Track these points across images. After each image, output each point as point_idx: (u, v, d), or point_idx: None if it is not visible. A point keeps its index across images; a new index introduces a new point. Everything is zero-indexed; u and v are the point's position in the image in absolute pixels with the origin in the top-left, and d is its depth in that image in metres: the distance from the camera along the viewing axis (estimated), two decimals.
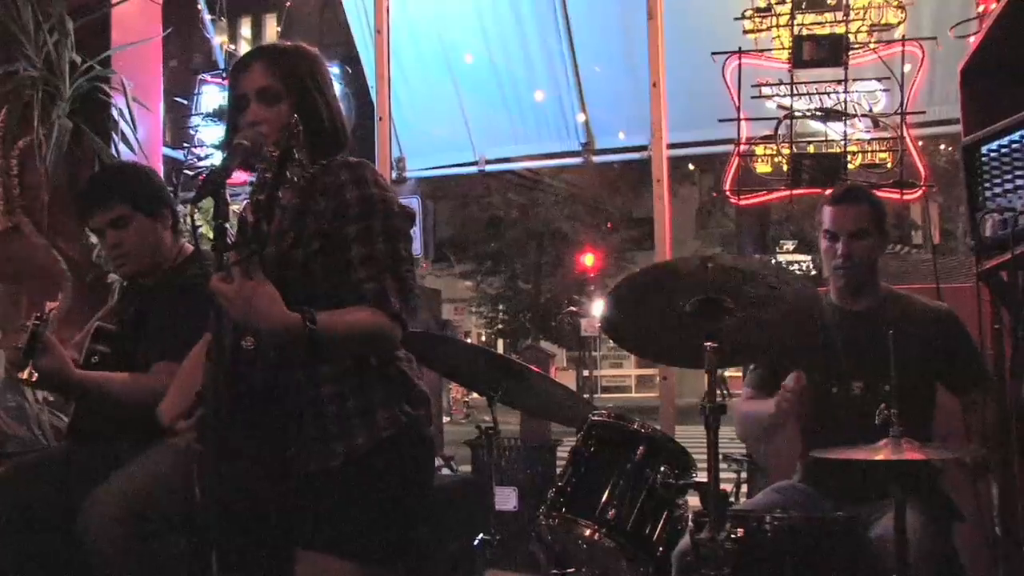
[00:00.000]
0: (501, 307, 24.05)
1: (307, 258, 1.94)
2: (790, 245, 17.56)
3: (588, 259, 21.83)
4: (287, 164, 1.79)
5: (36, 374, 2.40)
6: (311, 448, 1.97)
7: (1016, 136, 2.31)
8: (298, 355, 1.91)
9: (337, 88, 2.30)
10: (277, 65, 2.03)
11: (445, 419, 15.62)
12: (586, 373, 25.22)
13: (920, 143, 4.48)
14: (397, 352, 2.06)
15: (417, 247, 9.00)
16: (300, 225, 1.97)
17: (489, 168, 6.45)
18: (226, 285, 1.76)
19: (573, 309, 22.32)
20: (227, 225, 1.78)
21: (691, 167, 18.17)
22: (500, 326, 24.41)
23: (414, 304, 2.01)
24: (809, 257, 17.03)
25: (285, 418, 1.98)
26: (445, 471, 5.06)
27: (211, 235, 1.84)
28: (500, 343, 24.25)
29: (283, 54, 2.08)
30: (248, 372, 1.94)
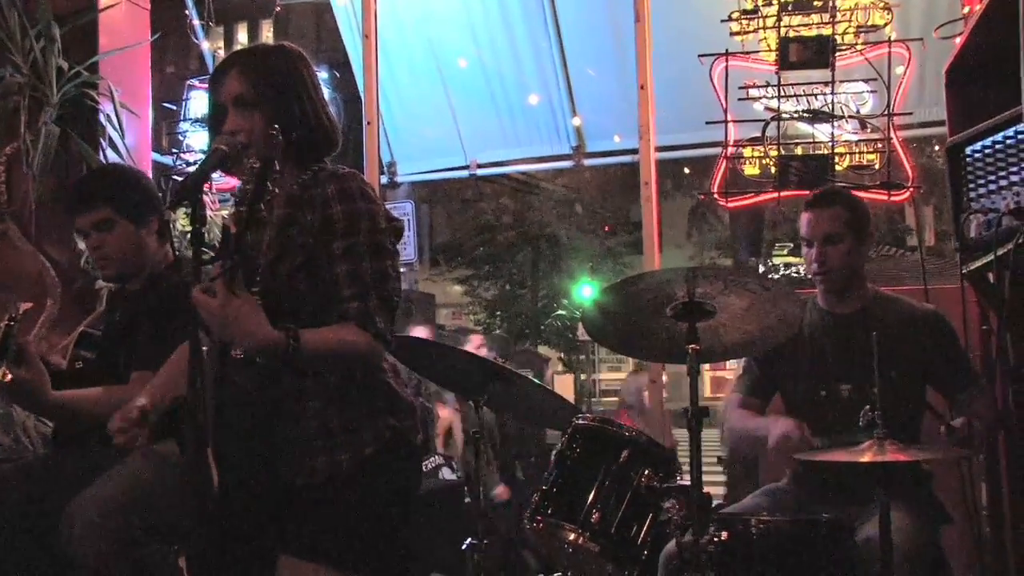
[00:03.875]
0: (498, 312, 24.02)
1: (291, 271, 1.92)
2: (784, 248, 17.55)
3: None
4: (268, 176, 1.77)
5: (10, 375, 2.38)
6: (295, 463, 1.96)
7: (999, 137, 2.31)
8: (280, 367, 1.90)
9: (326, 92, 2.27)
10: (252, 71, 2.00)
11: None
12: (584, 377, 25.18)
13: (914, 144, 4.48)
14: (381, 363, 2.05)
15: (411, 252, 8.98)
16: (285, 237, 1.95)
17: (481, 172, 6.46)
18: (208, 299, 1.74)
19: (562, 312, 22.31)
20: (204, 230, 1.77)
21: (686, 171, 18.16)
22: (497, 331, 24.36)
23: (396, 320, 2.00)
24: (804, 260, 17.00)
25: (270, 431, 1.97)
26: (445, 471, 5.05)
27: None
28: None
29: (259, 58, 2.05)
30: (236, 381, 1.93)
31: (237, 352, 1.92)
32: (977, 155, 2.37)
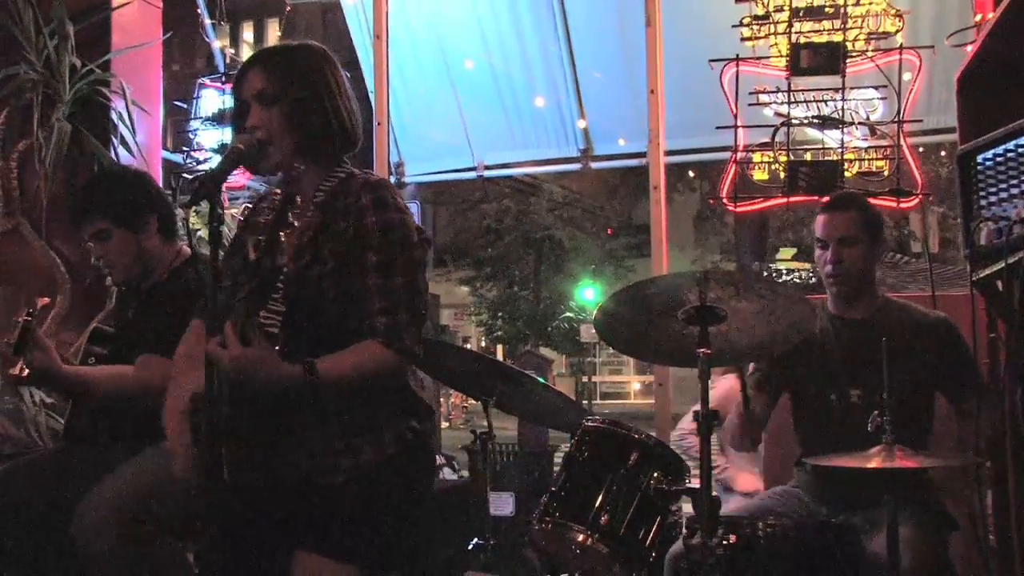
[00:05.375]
0: (500, 314, 24.04)
1: (320, 277, 1.94)
2: (789, 253, 17.54)
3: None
4: (290, 208, 1.80)
5: (27, 370, 2.41)
6: (315, 461, 1.97)
7: (1011, 145, 2.30)
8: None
9: None
10: (274, 67, 2.02)
11: (444, 424, 15.59)
12: (585, 379, 25.21)
13: (920, 151, 4.48)
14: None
15: None
16: (317, 244, 1.96)
17: (488, 174, 6.46)
18: (222, 353, 1.77)
19: (570, 315, 22.32)
20: (222, 228, 1.78)
21: (691, 174, 18.17)
22: (499, 332, 24.39)
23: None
24: (808, 265, 17.02)
25: (290, 430, 1.98)
26: (446, 471, 5.05)
27: (208, 238, 1.85)
28: (499, 349, 24.23)
29: (282, 56, 2.06)
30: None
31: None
32: (989, 163, 2.37)
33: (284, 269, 1.91)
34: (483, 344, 24.98)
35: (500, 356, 20.60)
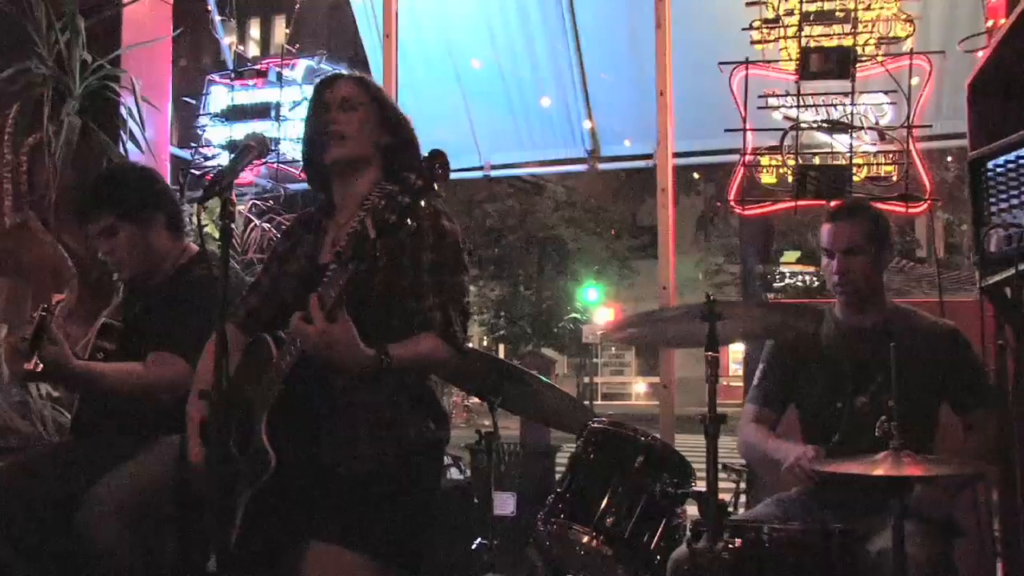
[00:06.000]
0: (503, 313, 24.06)
1: (372, 273, 1.99)
2: (793, 256, 17.55)
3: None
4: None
5: (41, 364, 2.42)
6: (338, 452, 2.04)
7: (1023, 152, 2.31)
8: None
9: None
10: (358, 81, 2.23)
11: None
12: (586, 380, 25.24)
13: (927, 156, 4.46)
14: None
15: None
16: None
17: (494, 173, 6.46)
18: (307, 328, 1.86)
19: (576, 315, 22.33)
20: (232, 225, 1.80)
21: (695, 176, 18.16)
22: (501, 332, 24.41)
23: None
24: (813, 268, 16.99)
25: (320, 421, 2.05)
26: (453, 471, 5.06)
27: (216, 235, 1.87)
28: (501, 349, 24.25)
29: (360, 77, 2.29)
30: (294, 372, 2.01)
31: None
32: (999, 169, 2.37)
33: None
34: (485, 343, 25.01)
35: (502, 356, 20.63)
